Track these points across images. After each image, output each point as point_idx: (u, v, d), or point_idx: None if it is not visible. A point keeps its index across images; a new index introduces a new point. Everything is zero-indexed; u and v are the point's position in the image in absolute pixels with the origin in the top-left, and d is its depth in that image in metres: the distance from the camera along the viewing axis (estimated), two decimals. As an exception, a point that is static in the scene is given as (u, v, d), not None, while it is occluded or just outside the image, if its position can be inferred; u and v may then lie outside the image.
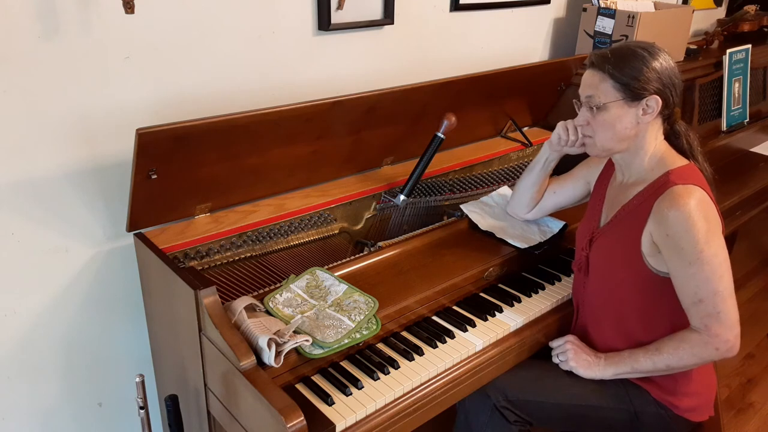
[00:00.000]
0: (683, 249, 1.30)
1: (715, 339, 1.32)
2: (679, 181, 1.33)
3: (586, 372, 1.47)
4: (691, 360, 1.36)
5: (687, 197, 1.30)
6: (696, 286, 1.31)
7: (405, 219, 1.88)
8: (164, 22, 1.47)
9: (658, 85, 1.33)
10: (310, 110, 1.49)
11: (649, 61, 1.33)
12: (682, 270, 1.32)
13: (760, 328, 2.90)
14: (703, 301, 1.31)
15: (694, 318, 1.35)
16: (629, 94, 1.34)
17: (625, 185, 1.46)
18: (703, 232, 1.29)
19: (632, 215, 1.40)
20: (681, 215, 1.29)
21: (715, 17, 3.36)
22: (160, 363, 1.66)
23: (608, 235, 1.47)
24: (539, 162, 1.68)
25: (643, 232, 1.37)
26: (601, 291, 1.50)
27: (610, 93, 1.35)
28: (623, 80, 1.33)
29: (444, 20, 2.07)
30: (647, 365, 1.40)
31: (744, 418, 2.36)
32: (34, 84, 1.34)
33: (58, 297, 1.54)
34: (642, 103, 1.34)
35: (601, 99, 1.36)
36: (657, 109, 1.34)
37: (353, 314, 1.37)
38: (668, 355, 1.37)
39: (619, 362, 1.44)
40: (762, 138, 2.91)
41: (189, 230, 1.51)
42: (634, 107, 1.35)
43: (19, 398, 1.57)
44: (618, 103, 1.35)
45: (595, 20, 2.33)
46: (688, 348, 1.35)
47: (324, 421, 1.21)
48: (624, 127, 1.36)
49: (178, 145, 1.32)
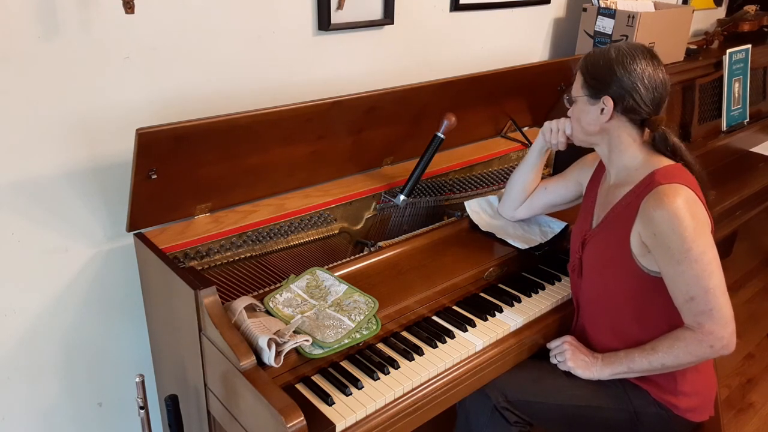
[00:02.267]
0: (671, 248, 1.30)
1: (709, 336, 1.32)
2: (664, 181, 1.33)
3: (584, 373, 1.47)
4: (686, 358, 1.36)
5: (673, 196, 1.30)
6: (686, 284, 1.31)
7: (405, 219, 1.88)
8: (164, 22, 1.47)
9: (616, 88, 1.36)
10: (310, 110, 1.49)
11: (616, 63, 1.36)
12: (672, 268, 1.32)
13: (760, 328, 2.90)
14: (695, 299, 1.31)
15: (687, 316, 1.34)
16: (590, 92, 1.41)
17: (614, 186, 1.47)
18: (690, 230, 1.28)
19: (621, 216, 1.41)
20: (667, 214, 1.29)
21: (715, 17, 3.35)
22: (160, 363, 1.66)
23: (599, 236, 1.47)
24: (533, 152, 1.72)
25: (631, 233, 1.37)
26: (596, 292, 1.50)
27: (578, 88, 1.44)
28: (587, 78, 1.41)
29: (444, 20, 2.07)
30: (643, 364, 1.40)
31: (744, 418, 2.36)
32: (34, 84, 1.34)
33: (58, 297, 1.54)
34: (600, 102, 1.39)
35: (573, 93, 1.46)
36: (609, 109, 1.37)
37: (353, 314, 1.37)
38: (663, 354, 1.37)
39: (615, 362, 1.44)
40: (762, 138, 2.90)
41: (189, 230, 1.51)
42: (594, 105, 1.41)
43: (19, 398, 1.57)
44: (582, 99, 1.43)
45: (595, 20, 2.33)
46: (682, 346, 1.35)
47: (324, 421, 1.21)
48: (587, 122, 1.44)
49: (178, 145, 1.32)
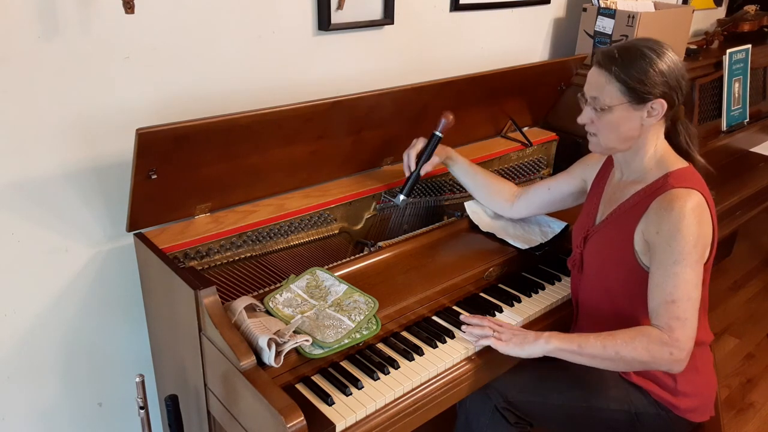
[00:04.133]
0: (671, 247, 1.29)
1: (674, 342, 1.27)
2: (678, 184, 1.33)
3: (515, 350, 1.37)
4: (642, 354, 1.29)
5: (685, 199, 1.30)
6: (674, 286, 1.28)
7: (405, 219, 1.88)
8: (164, 22, 1.47)
9: (664, 88, 1.32)
10: (310, 110, 1.49)
11: (656, 63, 1.31)
12: (665, 267, 1.30)
13: (760, 328, 2.90)
14: (676, 303, 1.28)
15: (661, 317, 1.29)
16: (635, 98, 1.32)
17: (624, 183, 1.46)
18: (695, 236, 1.28)
19: (628, 213, 1.40)
20: (676, 215, 1.29)
21: (715, 17, 3.35)
22: (160, 363, 1.66)
23: (603, 232, 1.47)
24: (457, 173, 1.81)
25: (636, 230, 1.37)
26: (596, 288, 1.50)
27: (615, 96, 1.33)
28: (629, 83, 1.31)
29: (444, 20, 2.07)
30: (596, 347, 1.32)
31: (744, 418, 2.36)
32: (34, 84, 1.34)
33: (58, 297, 1.54)
34: (647, 106, 1.33)
35: (606, 101, 1.34)
36: (662, 112, 1.33)
37: (353, 314, 1.37)
38: (621, 342, 1.30)
39: (566, 338, 1.36)
40: (762, 138, 2.90)
41: (189, 230, 1.51)
42: (639, 110, 1.33)
43: (19, 398, 1.57)
44: (623, 106, 1.33)
45: (595, 20, 2.33)
46: (644, 341, 1.29)
47: (324, 421, 1.21)
48: (628, 129, 1.35)
49: (178, 145, 1.32)
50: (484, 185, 1.80)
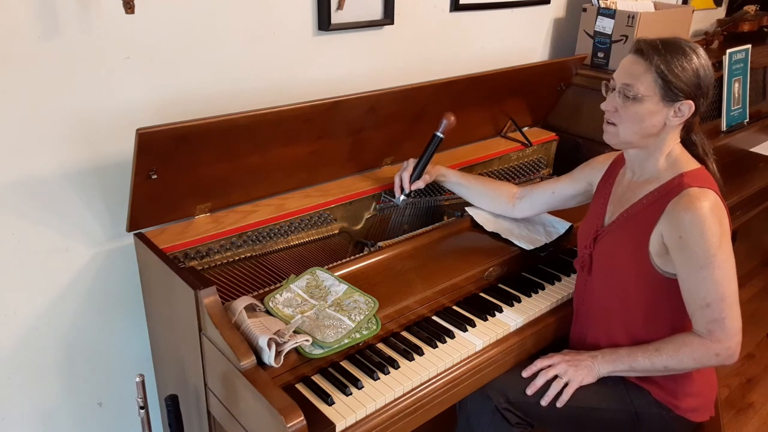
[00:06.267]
0: (695, 252, 1.29)
1: (716, 345, 1.32)
2: (694, 184, 1.32)
3: (591, 380, 1.44)
4: (690, 363, 1.36)
5: (703, 200, 1.29)
6: (705, 290, 1.30)
7: (405, 219, 1.88)
8: (164, 22, 1.47)
9: (696, 90, 1.30)
10: (310, 110, 1.49)
11: (695, 63, 1.30)
12: (693, 273, 1.31)
13: (760, 328, 2.90)
14: (710, 306, 1.30)
15: (698, 322, 1.34)
16: (667, 93, 1.30)
17: (636, 183, 1.44)
18: (717, 236, 1.28)
19: (642, 214, 1.39)
20: (696, 218, 1.28)
21: (715, 17, 3.35)
22: (160, 363, 1.66)
23: (614, 233, 1.46)
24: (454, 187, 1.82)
25: (653, 232, 1.36)
26: (605, 289, 1.49)
27: (649, 86, 1.30)
28: (667, 77, 1.28)
29: (444, 20, 2.07)
30: (645, 365, 1.40)
31: (744, 418, 2.36)
32: (34, 84, 1.34)
33: (58, 297, 1.54)
34: (675, 105, 1.31)
35: (640, 90, 1.30)
36: (688, 114, 1.32)
37: (353, 314, 1.37)
38: (667, 357, 1.37)
39: (617, 360, 1.43)
40: (762, 138, 2.90)
41: (189, 230, 1.51)
42: (667, 107, 1.31)
43: (19, 398, 1.57)
44: (654, 99, 1.31)
45: (595, 20, 2.33)
46: (688, 351, 1.35)
47: (324, 421, 1.21)
48: (651, 125, 1.33)
49: (178, 145, 1.32)
50: (482, 193, 1.80)
